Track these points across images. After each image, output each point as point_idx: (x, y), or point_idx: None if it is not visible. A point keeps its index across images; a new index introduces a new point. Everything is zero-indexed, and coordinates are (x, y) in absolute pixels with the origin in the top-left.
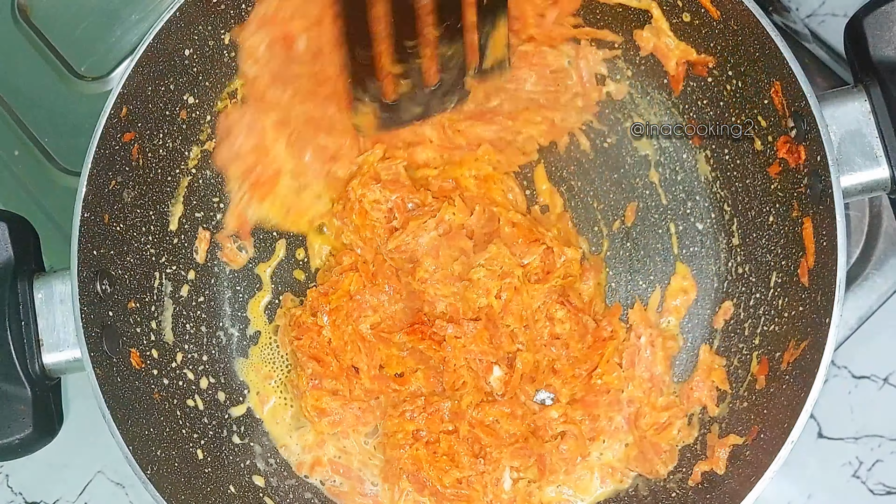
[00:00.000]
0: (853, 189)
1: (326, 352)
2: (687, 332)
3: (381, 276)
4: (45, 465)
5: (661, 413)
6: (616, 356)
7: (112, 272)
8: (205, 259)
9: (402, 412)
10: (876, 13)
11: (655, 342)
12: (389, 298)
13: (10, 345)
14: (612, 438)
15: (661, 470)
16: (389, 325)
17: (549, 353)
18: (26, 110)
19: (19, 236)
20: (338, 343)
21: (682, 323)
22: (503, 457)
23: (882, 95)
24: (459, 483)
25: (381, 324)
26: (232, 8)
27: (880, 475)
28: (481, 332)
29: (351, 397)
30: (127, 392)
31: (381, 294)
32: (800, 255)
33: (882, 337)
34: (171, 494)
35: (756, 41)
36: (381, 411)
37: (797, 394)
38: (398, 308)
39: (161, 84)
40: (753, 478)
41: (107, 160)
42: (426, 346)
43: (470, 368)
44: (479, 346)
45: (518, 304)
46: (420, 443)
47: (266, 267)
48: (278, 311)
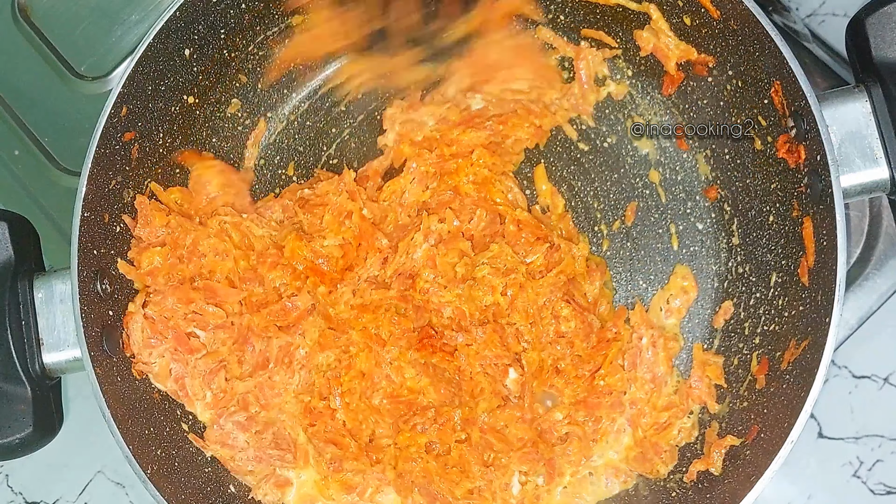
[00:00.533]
0: (853, 190)
1: (343, 434)
2: (687, 332)
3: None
4: (45, 465)
5: (662, 413)
6: (619, 357)
7: (112, 272)
8: None
9: (414, 426)
10: (878, 14)
11: (657, 343)
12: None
13: (10, 344)
14: (614, 440)
15: (662, 470)
16: (401, 352)
17: (554, 351)
18: (26, 110)
19: (19, 236)
20: (353, 424)
21: (682, 323)
22: (512, 462)
23: (883, 96)
24: (471, 493)
25: (394, 392)
26: (232, 8)
27: (880, 475)
28: (491, 336)
29: (373, 469)
30: (127, 391)
31: (392, 357)
32: (800, 255)
33: (882, 337)
34: (172, 494)
35: (756, 41)
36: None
37: (797, 393)
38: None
39: (161, 84)
40: (753, 477)
41: (107, 160)
42: (439, 360)
43: (486, 374)
44: (491, 349)
45: (524, 301)
46: (431, 455)
47: None
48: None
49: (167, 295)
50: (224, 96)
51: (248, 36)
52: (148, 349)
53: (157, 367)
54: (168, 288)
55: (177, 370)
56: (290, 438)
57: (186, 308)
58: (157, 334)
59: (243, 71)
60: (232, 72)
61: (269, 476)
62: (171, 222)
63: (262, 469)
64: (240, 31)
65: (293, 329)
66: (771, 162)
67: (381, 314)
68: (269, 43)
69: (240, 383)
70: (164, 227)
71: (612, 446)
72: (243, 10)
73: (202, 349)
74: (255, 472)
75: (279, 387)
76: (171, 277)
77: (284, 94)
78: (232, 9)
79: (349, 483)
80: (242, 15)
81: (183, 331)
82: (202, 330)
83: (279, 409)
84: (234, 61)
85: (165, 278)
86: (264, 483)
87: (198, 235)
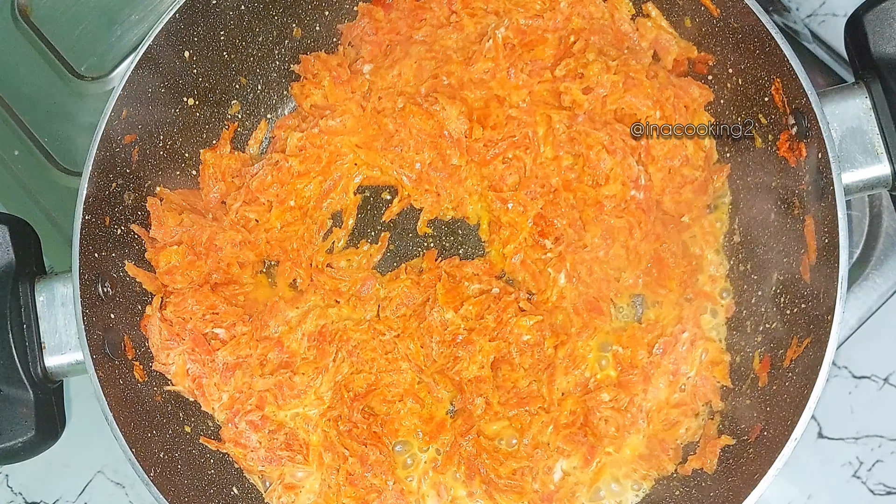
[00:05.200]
0: (854, 186)
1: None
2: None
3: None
4: (45, 465)
5: (672, 410)
6: (658, 340)
7: (113, 274)
8: None
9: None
10: (876, 10)
11: (696, 343)
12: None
13: (12, 348)
14: (635, 433)
15: (669, 466)
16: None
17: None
18: (26, 110)
19: (20, 239)
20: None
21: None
22: (558, 439)
23: (883, 92)
24: (514, 474)
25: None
26: (231, 9)
27: (880, 475)
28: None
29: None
30: (129, 394)
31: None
32: (801, 252)
33: (882, 337)
34: (175, 496)
35: (756, 39)
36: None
37: (800, 391)
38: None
39: (161, 86)
40: (757, 475)
41: (107, 163)
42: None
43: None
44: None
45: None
46: (483, 436)
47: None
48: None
49: (187, 297)
50: (224, 98)
51: (247, 38)
52: (165, 350)
53: (174, 367)
54: (188, 289)
55: (194, 370)
56: (302, 440)
57: (205, 309)
58: (175, 336)
59: (243, 73)
60: (232, 73)
61: (281, 476)
62: (184, 220)
63: (272, 469)
64: (239, 33)
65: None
66: (772, 160)
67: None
68: (268, 44)
69: (260, 380)
70: (177, 226)
71: (630, 443)
72: (243, 11)
73: (222, 346)
74: (266, 471)
75: (299, 387)
76: (189, 277)
77: (284, 95)
78: (232, 10)
79: (364, 499)
80: (242, 17)
81: (201, 331)
82: (221, 328)
83: (295, 409)
84: (233, 63)
85: (183, 277)
86: (278, 485)
87: (213, 231)
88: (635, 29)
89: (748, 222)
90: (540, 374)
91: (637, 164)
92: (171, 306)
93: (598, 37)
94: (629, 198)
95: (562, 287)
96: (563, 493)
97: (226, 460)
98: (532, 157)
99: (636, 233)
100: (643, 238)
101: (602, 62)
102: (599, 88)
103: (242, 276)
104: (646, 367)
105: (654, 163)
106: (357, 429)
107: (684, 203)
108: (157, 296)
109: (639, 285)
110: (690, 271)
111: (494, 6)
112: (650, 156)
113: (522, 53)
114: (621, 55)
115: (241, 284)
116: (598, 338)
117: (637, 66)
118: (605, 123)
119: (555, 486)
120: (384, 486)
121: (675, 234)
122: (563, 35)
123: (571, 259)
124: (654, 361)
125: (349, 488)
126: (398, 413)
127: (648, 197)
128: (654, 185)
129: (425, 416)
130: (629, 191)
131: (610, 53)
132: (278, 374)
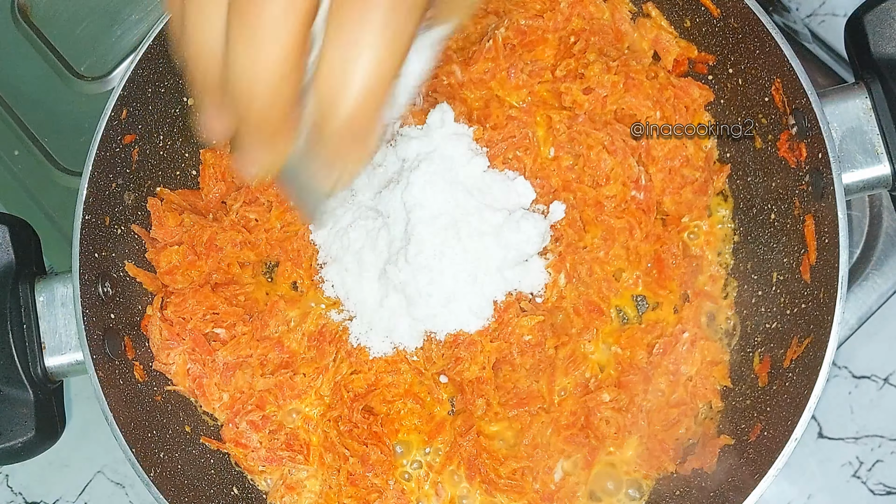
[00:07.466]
0: (854, 186)
1: (373, 435)
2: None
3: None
4: (45, 465)
5: (672, 410)
6: (658, 340)
7: (113, 274)
8: None
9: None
10: (876, 10)
11: (696, 343)
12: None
13: (11, 348)
14: (634, 433)
15: (669, 466)
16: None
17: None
18: (26, 110)
19: (20, 239)
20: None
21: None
22: (559, 440)
23: (883, 92)
24: (514, 474)
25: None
26: None
27: (880, 475)
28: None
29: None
30: (130, 395)
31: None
32: (801, 252)
33: (882, 337)
34: (175, 496)
35: (756, 38)
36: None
37: (800, 391)
38: None
39: (161, 86)
40: (757, 476)
41: (107, 162)
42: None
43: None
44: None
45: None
46: (483, 436)
47: None
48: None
49: (187, 297)
50: None
51: None
52: (166, 350)
53: (175, 367)
54: (189, 290)
55: (194, 370)
56: (303, 440)
57: (206, 309)
58: (175, 336)
59: None
60: None
61: (283, 477)
62: (184, 221)
63: (272, 469)
64: None
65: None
66: (772, 160)
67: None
68: None
69: (260, 380)
70: (178, 227)
71: (630, 444)
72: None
73: (222, 347)
74: (267, 472)
75: (300, 387)
76: (190, 277)
77: None
78: None
79: (365, 499)
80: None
81: (202, 332)
82: (221, 328)
83: (295, 409)
84: None
85: (184, 277)
86: (280, 485)
87: (213, 231)
88: (635, 29)
89: (748, 222)
90: (540, 374)
91: (637, 165)
92: (171, 306)
93: (598, 37)
94: (629, 198)
95: (562, 287)
96: (564, 492)
97: (226, 460)
98: (532, 157)
99: (636, 233)
100: (643, 238)
101: (603, 62)
102: (600, 89)
103: (243, 276)
104: (646, 368)
105: (655, 163)
106: (357, 429)
107: (684, 203)
108: (158, 296)
109: (639, 285)
110: (691, 272)
111: (494, 6)
112: (650, 156)
113: (522, 54)
114: (621, 55)
115: (242, 285)
116: (599, 338)
117: (637, 66)
118: (605, 124)
119: (555, 485)
120: (385, 486)
121: (676, 234)
122: (563, 35)
123: (571, 259)
124: (654, 361)
125: (350, 488)
126: (398, 413)
127: (649, 197)
128: (654, 186)
129: (425, 416)
130: (629, 191)
131: (610, 54)
132: (279, 373)
